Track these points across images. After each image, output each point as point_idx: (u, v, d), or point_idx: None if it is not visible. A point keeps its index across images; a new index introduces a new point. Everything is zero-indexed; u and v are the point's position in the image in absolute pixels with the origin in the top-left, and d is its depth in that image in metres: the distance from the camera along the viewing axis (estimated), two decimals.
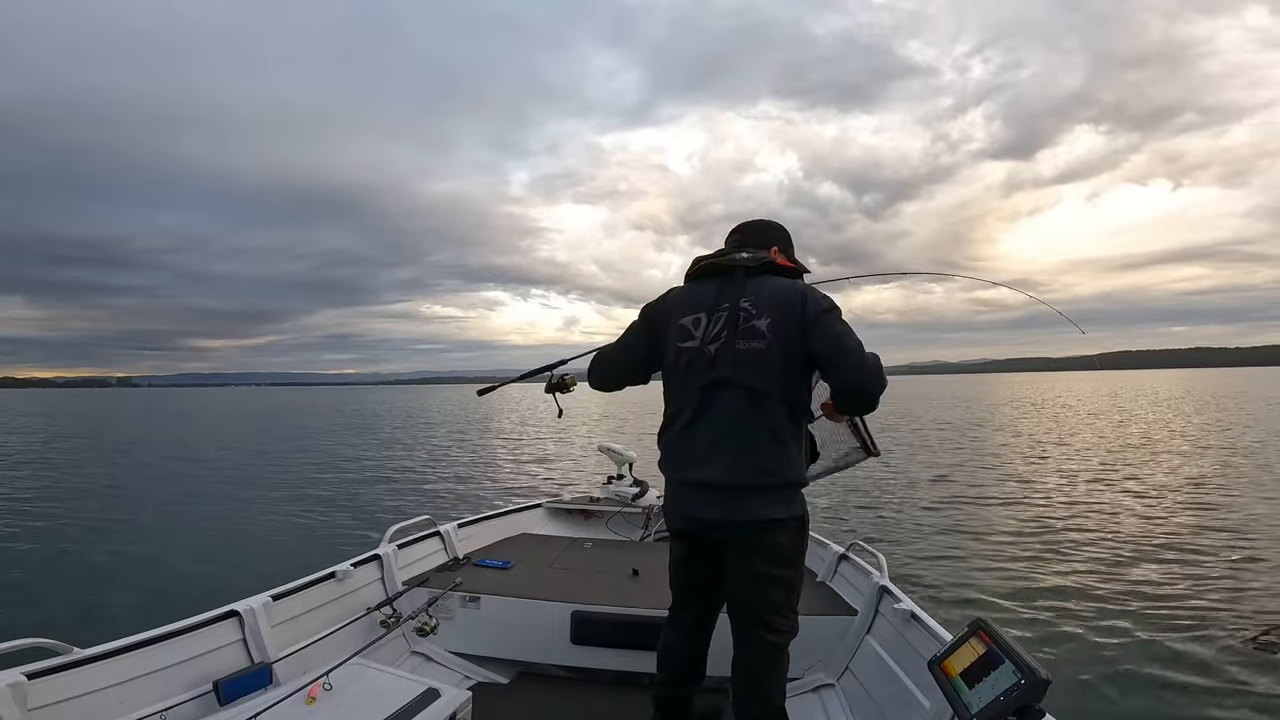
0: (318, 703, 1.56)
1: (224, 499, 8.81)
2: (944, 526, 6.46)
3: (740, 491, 1.51)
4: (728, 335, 1.54)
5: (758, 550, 1.54)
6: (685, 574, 1.72)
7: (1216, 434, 14.97)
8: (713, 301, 1.59)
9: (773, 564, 1.54)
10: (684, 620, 1.75)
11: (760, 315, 1.52)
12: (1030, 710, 1.15)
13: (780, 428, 1.52)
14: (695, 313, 1.60)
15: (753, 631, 1.57)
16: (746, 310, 1.54)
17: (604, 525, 3.62)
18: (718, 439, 1.54)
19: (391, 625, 2.29)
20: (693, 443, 1.58)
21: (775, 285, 1.57)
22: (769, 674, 1.57)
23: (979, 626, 1.36)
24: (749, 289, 1.56)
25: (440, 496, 8.91)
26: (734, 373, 1.52)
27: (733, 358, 1.52)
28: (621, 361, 1.76)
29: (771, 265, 1.60)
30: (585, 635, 2.28)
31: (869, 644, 2.12)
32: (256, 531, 6.90)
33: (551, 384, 2.05)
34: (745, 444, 1.51)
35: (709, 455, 1.54)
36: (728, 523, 1.54)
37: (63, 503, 8.58)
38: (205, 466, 12.47)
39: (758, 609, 1.56)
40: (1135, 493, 8.18)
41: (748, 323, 1.53)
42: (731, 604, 1.63)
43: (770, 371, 1.51)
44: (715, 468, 1.53)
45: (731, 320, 1.54)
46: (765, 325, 1.51)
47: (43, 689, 1.40)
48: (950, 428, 18.76)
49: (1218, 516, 6.77)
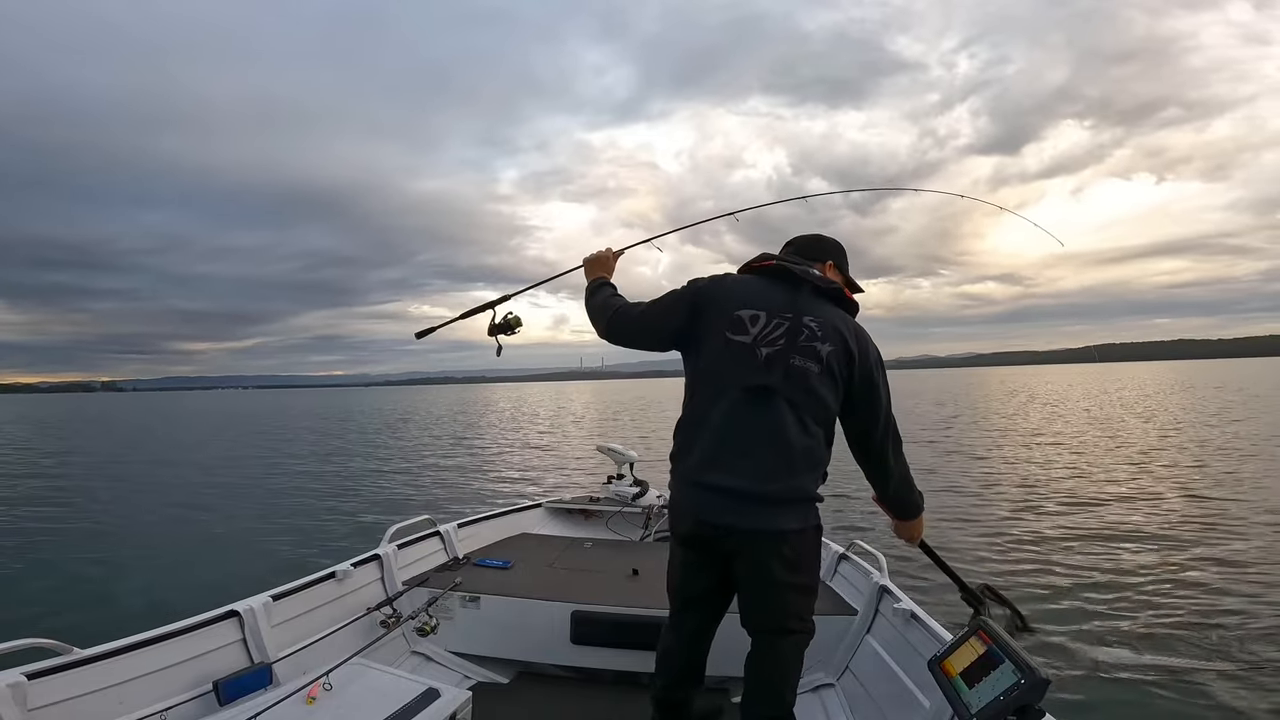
0: (318, 703, 1.56)
1: (223, 499, 8.81)
2: (944, 526, 6.46)
3: (764, 501, 1.47)
4: (785, 345, 1.49)
5: (777, 559, 1.50)
6: (690, 581, 1.66)
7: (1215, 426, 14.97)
8: (779, 305, 1.53)
9: (793, 572, 1.52)
10: (686, 626, 1.71)
11: (824, 340, 1.49)
12: (1030, 710, 1.15)
13: (815, 449, 1.51)
14: (756, 309, 1.53)
15: (774, 637, 1.56)
16: (810, 329, 1.50)
17: (604, 525, 3.62)
18: (751, 446, 1.48)
19: (391, 625, 2.29)
20: (720, 443, 1.51)
21: (840, 316, 1.56)
22: (783, 675, 1.56)
23: (979, 626, 1.36)
24: (814, 307, 1.53)
25: (440, 496, 8.91)
26: (783, 385, 1.48)
27: (785, 370, 1.48)
28: (657, 325, 1.64)
29: (839, 293, 1.60)
30: (585, 635, 2.28)
31: (869, 644, 2.12)
32: (256, 531, 6.90)
33: (494, 324, 1.87)
34: (780, 456, 1.47)
35: (737, 460, 1.48)
36: (745, 531, 1.49)
37: (62, 503, 8.58)
38: (202, 468, 12.48)
39: (780, 617, 1.54)
40: (1139, 490, 8.18)
41: (809, 342, 1.49)
42: (751, 612, 1.58)
43: (817, 396, 1.49)
44: (742, 475, 1.47)
45: (793, 332, 1.50)
46: (826, 351, 1.49)
47: (43, 689, 1.40)
48: (943, 423, 18.74)
49: (1226, 513, 6.77)
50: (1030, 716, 1.15)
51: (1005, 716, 1.16)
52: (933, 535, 1.88)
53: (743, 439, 1.49)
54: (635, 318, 1.66)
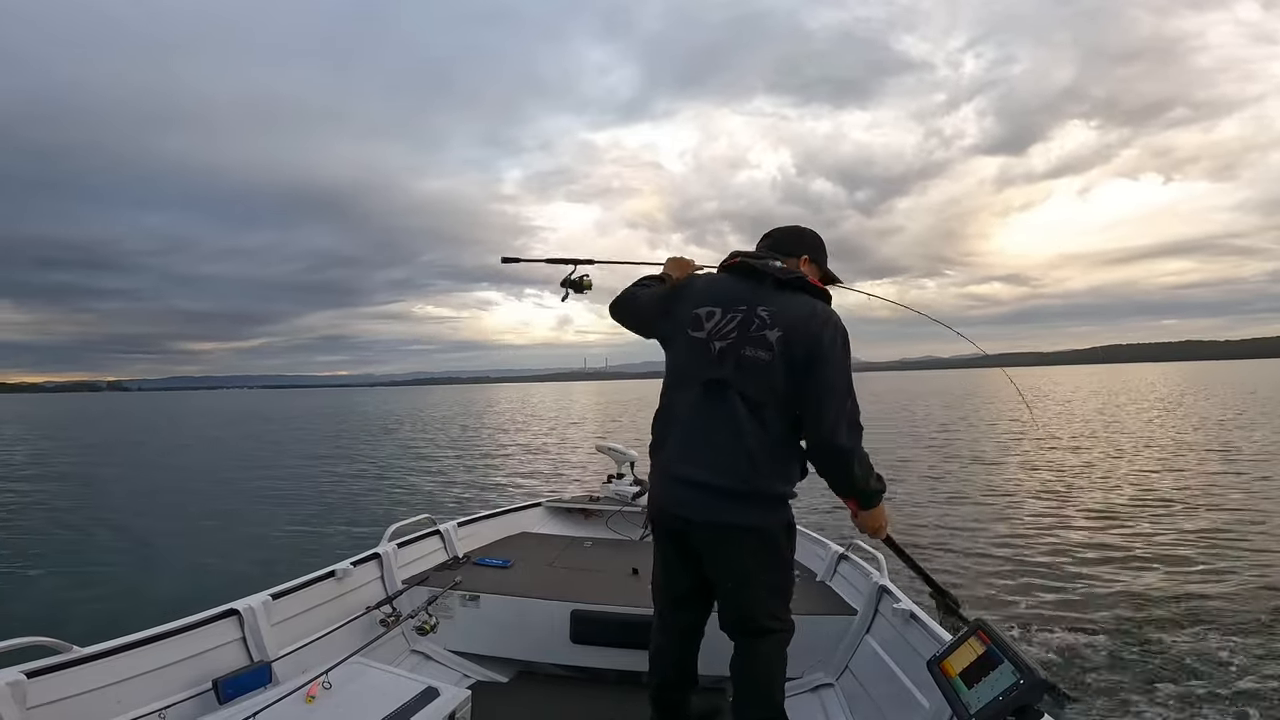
0: (317, 701, 1.56)
1: (223, 498, 8.82)
2: (944, 525, 6.45)
3: (721, 494, 1.48)
4: (737, 337, 1.52)
5: (741, 556, 1.51)
6: (670, 578, 1.69)
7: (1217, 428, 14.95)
8: (732, 299, 1.56)
9: (761, 570, 1.53)
10: (671, 624, 1.72)
11: (773, 326, 1.50)
12: (1029, 710, 1.15)
13: (772, 440, 1.49)
14: (712, 305, 1.58)
15: (747, 635, 1.56)
16: (761, 318, 1.51)
17: (604, 524, 3.62)
18: (708, 439, 1.51)
19: (391, 624, 2.29)
20: (683, 437, 1.56)
21: (798, 302, 1.54)
22: (768, 675, 1.56)
23: (978, 626, 1.36)
24: (771, 298, 1.54)
25: (440, 495, 8.91)
26: (735, 376, 1.50)
27: (736, 361, 1.50)
28: (645, 310, 1.74)
29: (802, 282, 1.57)
30: (585, 634, 2.28)
31: (868, 644, 2.12)
32: (256, 530, 6.91)
33: (569, 279, 2.00)
34: (738, 450, 1.48)
35: (696, 453, 1.52)
36: (703, 524, 1.51)
37: (62, 502, 8.58)
38: (203, 467, 12.48)
39: (749, 613, 1.55)
40: (1139, 491, 8.17)
41: (759, 331, 1.50)
42: (725, 611, 1.60)
43: (770, 385, 1.48)
44: (700, 467, 1.50)
45: (745, 324, 1.52)
46: (775, 338, 1.48)
47: (42, 687, 1.40)
48: (946, 424, 18.73)
49: (1227, 515, 6.76)
50: (1029, 717, 1.15)
51: (1004, 717, 1.16)
52: (941, 538, 1.87)
53: (701, 433, 1.53)
54: (632, 301, 1.77)
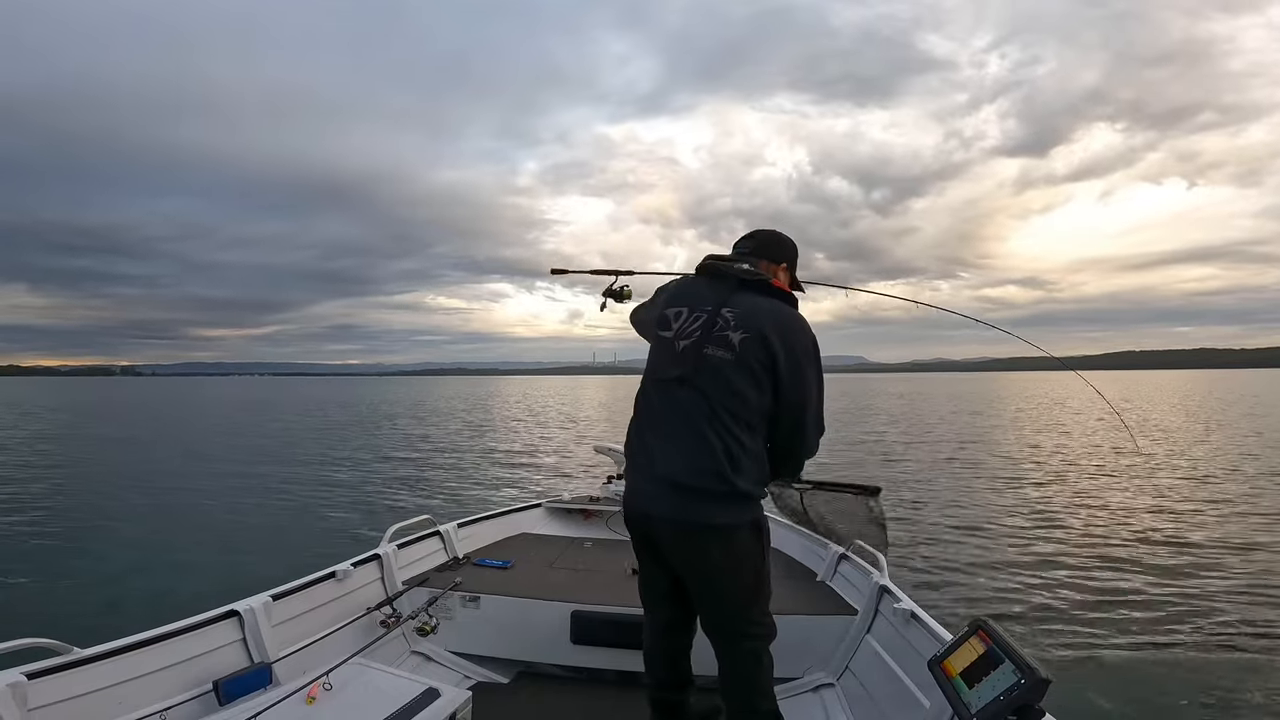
0: (318, 702, 1.56)
1: (224, 497, 8.80)
2: (944, 526, 6.46)
3: (686, 491, 1.47)
4: (700, 336, 1.54)
5: (706, 555, 1.50)
6: (648, 578, 1.70)
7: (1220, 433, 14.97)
8: (702, 300, 1.59)
9: (726, 568, 1.51)
10: (657, 624, 1.73)
11: (736, 328, 1.51)
12: (1030, 710, 1.15)
13: (733, 440, 1.48)
14: (679, 306, 1.62)
15: (724, 638, 1.56)
16: (725, 319, 1.53)
17: (604, 525, 3.62)
18: (671, 436, 1.52)
19: (391, 625, 2.29)
20: (649, 434, 1.57)
21: (762, 304, 1.55)
22: (750, 678, 1.55)
23: (979, 626, 1.36)
24: (736, 299, 1.56)
25: (440, 496, 8.90)
26: (696, 376, 1.51)
27: (697, 360, 1.52)
28: (641, 318, 1.82)
29: (767, 284, 1.59)
30: (585, 635, 2.28)
31: (869, 643, 2.12)
32: (256, 531, 6.90)
33: (610, 289, 2.11)
34: (697, 448, 1.47)
35: (660, 450, 1.53)
36: (671, 521, 1.50)
37: (62, 501, 8.57)
38: (206, 464, 12.46)
39: (722, 615, 1.55)
40: (1143, 494, 8.18)
41: (722, 331, 1.52)
42: (700, 612, 1.61)
43: (731, 385, 1.49)
44: (668, 464, 1.50)
45: (709, 324, 1.54)
46: (738, 339, 1.50)
47: (42, 689, 1.40)
48: (952, 426, 18.75)
49: (1230, 520, 6.77)
50: (1030, 716, 1.14)
51: (1005, 716, 1.16)
52: (941, 538, 1.88)
53: (664, 430, 1.55)
54: (639, 314, 1.85)
